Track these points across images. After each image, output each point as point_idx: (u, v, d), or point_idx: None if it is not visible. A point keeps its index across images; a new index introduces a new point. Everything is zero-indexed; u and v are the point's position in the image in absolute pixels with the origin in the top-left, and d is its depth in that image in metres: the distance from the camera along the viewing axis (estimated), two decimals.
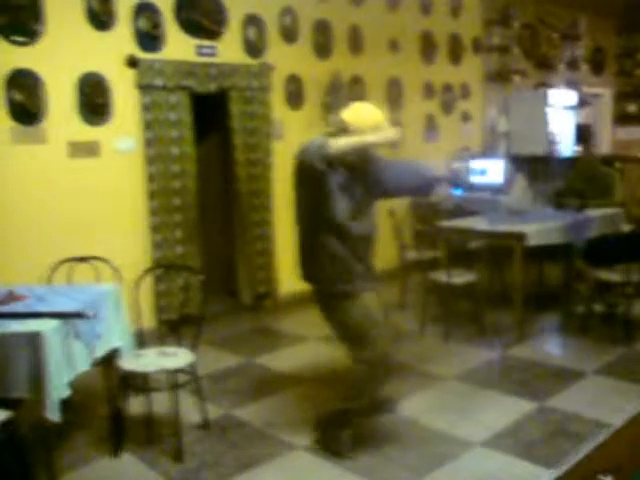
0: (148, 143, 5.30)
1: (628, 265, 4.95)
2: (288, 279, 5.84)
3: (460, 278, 5.26)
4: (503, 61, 8.57)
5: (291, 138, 5.95)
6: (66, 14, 4.83)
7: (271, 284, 6.24)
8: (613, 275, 5.13)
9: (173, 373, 3.50)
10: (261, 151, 6.04)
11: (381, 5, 7.05)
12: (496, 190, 6.86)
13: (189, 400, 3.88)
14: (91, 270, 4.08)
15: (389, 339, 3.42)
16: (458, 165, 7.49)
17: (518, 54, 8.77)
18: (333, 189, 3.21)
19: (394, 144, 3.30)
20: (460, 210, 6.47)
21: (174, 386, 3.47)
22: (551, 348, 5.24)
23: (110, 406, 3.72)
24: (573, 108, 8.60)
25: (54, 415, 3.00)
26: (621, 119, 10.82)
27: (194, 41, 5.57)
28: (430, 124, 7.77)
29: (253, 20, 5.97)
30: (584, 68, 10.03)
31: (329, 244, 3.25)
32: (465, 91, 8.19)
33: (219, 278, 6.27)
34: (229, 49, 5.82)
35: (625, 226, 6.05)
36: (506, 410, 3.93)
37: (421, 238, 6.45)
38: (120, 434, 3.58)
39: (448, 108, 7.98)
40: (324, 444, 3.52)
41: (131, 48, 5.19)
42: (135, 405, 3.82)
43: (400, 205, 6.51)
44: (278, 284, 6.25)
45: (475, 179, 7.37)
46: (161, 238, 5.43)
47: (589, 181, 6.34)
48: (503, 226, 5.29)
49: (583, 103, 8.86)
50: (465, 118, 8.24)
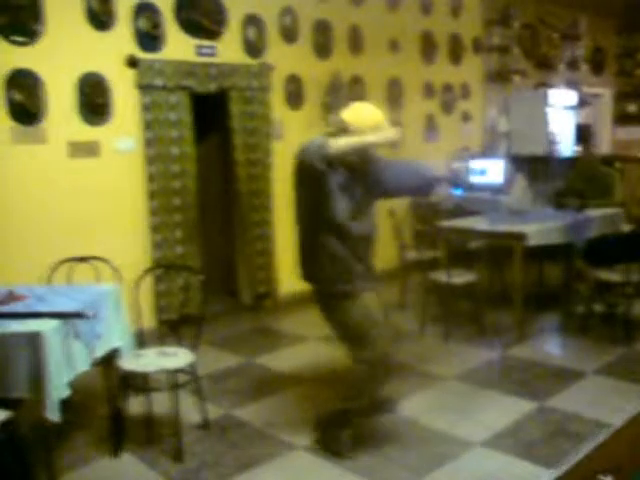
0: (148, 143, 5.30)
1: (628, 265, 4.95)
2: (288, 279, 5.84)
3: (460, 278, 5.26)
4: (503, 61, 8.57)
5: (291, 138, 5.95)
6: (66, 14, 4.84)
7: (271, 284, 6.24)
8: (613, 275, 5.13)
9: (173, 373, 3.50)
10: (261, 151, 6.05)
11: (381, 5, 7.05)
12: (496, 190, 6.86)
13: (189, 400, 3.88)
14: (91, 270, 4.08)
15: (389, 339, 3.42)
16: (458, 165, 7.49)
17: (518, 54, 8.78)
18: (333, 189, 3.21)
19: (394, 144, 3.30)
20: (460, 210, 6.47)
21: (174, 386, 3.47)
22: (551, 348, 5.24)
23: (110, 406, 3.72)
24: (573, 108, 8.60)
25: (54, 415, 3.00)
26: (621, 119, 10.82)
27: (194, 41, 5.58)
28: (430, 124, 7.77)
29: (253, 20, 5.97)
30: (584, 68, 10.03)
31: (329, 244, 3.25)
32: (465, 91, 8.19)
33: (219, 278, 6.27)
34: (229, 49, 5.82)
35: (625, 226, 6.05)
36: (506, 410, 3.93)
37: (421, 238, 6.45)
38: (120, 434, 3.58)
39: (448, 108, 7.98)
40: (324, 444, 3.52)
41: (131, 48, 5.19)
42: (135, 405, 3.82)
43: (400, 205, 6.51)
44: (278, 284, 6.26)
45: (475, 179, 7.37)
46: (161, 238, 5.43)
47: (589, 181, 6.34)
48: (503, 226, 5.29)
49: (583, 103, 8.86)
50: (465, 118, 8.24)
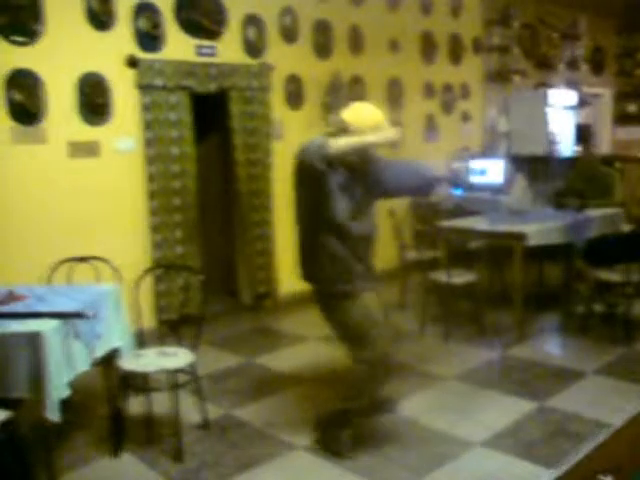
0: (148, 143, 5.30)
1: (628, 265, 4.95)
2: (288, 279, 5.84)
3: (460, 278, 5.26)
4: (503, 61, 8.57)
5: (291, 138, 5.95)
6: (66, 14, 4.84)
7: (271, 284, 6.24)
8: (613, 275, 5.13)
9: (173, 373, 3.50)
10: (261, 151, 6.05)
11: (381, 5, 7.05)
12: (496, 190, 6.86)
13: (189, 400, 3.88)
14: (91, 270, 4.08)
15: (389, 339, 3.42)
16: (458, 165, 7.49)
17: (518, 54, 8.77)
18: (333, 189, 3.21)
19: (394, 144, 3.30)
20: (460, 210, 6.47)
21: (174, 386, 3.47)
22: (551, 348, 5.24)
23: (110, 406, 3.72)
24: (573, 108, 8.60)
25: (54, 415, 3.00)
26: (621, 119, 10.82)
27: (194, 41, 5.58)
28: (430, 124, 7.77)
29: (253, 20, 5.97)
30: (584, 68, 10.03)
31: (329, 244, 3.25)
32: (465, 91, 8.19)
33: (219, 278, 6.27)
34: (229, 49, 5.82)
35: (625, 226, 6.05)
36: (506, 410, 3.93)
37: (421, 238, 6.45)
38: (120, 434, 3.58)
39: (448, 108, 7.98)
40: (324, 444, 3.52)
41: (131, 48, 5.19)
42: (135, 405, 3.82)
43: (400, 205, 6.51)
44: (278, 284, 6.25)
45: (475, 179, 7.37)
46: (161, 238, 5.43)
47: (589, 181, 6.34)
48: (503, 226, 5.29)
49: (583, 103, 8.86)
50: (465, 118, 8.24)
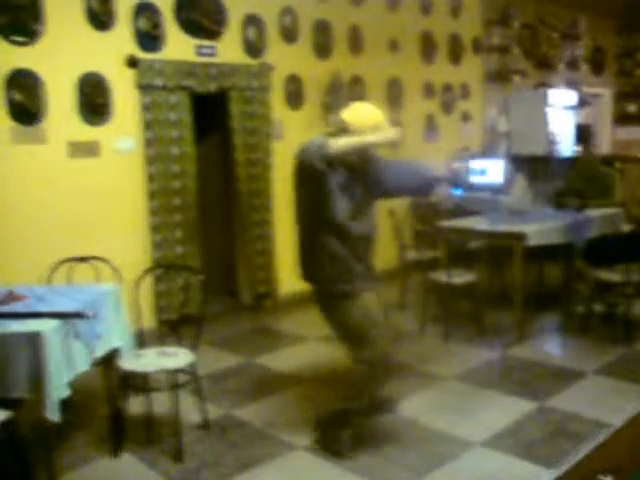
0: (148, 143, 5.30)
1: (628, 265, 4.95)
2: (288, 279, 5.84)
3: (460, 278, 5.26)
4: (503, 61, 8.57)
5: (291, 138, 5.95)
6: (66, 14, 4.83)
7: (271, 284, 6.24)
8: (613, 275, 5.13)
9: (173, 373, 3.50)
10: (261, 151, 6.04)
11: (381, 5, 7.05)
12: (496, 190, 6.86)
13: (189, 400, 3.87)
14: (91, 270, 4.08)
15: (389, 339, 3.41)
16: (458, 165, 7.49)
17: (518, 54, 8.77)
18: (333, 189, 3.21)
19: (394, 144, 3.30)
20: (460, 210, 6.47)
21: (174, 386, 3.47)
22: (551, 348, 5.24)
23: (110, 406, 3.72)
24: (573, 108, 8.60)
25: (54, 415, 3.00)
26: (621, 119, 10.82)
27: (194, 41, 5.57)
28: (430, 124, 7.77)
29: (253, 20, 5.97)
30: (584, 68, 10.03)
31: (329, 244, 3.25)
32: (465, 91, 8.19)
33: (219, 278, 6.27)
34: (229, 49, 5.82)
35: (625, 226, 6.05)
36: (506, 410, 3.93)
37: (421, 238, 6.45)
38: (120, 434, 3.58)
39: (448, 108, 7.98)
40: (324, 444, 3.52)
41: (131, 48, 5.19)
42: (135, 405, 3.82)
43: (400, 205, 6.51)
44: (278, 284, 6.25)
45: (475, 179, 7.37)
46: (161, 238, 5.43)
47: (589, 181, 6.34)
48: (503, 226, 5.29)
49: (583, 103, 8.86)
50: (465, 118, 8.23)
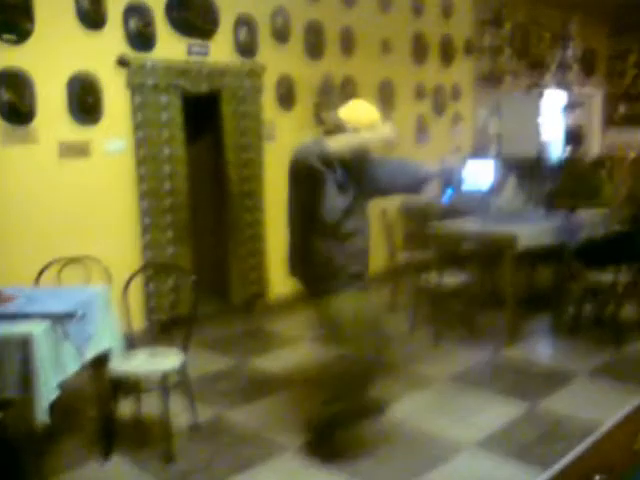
0: (139, 144, 5.27)
1: (618, 266, 4.96)
2: (280, 280, 5.81)
3: (451, 280, 5.26)
4: (494, 62, 8.59)
5: (282, 139, 5.94)
6: (57, 13, 4.80)
7: (263, 285, 6.22)
8: (604, 276, 5.14)
9: (164, 375, 3.47)
10: (253, 152, 6.02)
11: (373, 6, 7.05)
12: (487, 192, 6.86)
13: (180, 402, 3.85)
14: (81, 271, 4.05)
15: (380, 339, 3.41)
16: (450, 165, 7.48)
17: (510, 55, 8.79)
18: (330, 188, 3.20)
19: (391, 142, 3.27)
20: (451, 211, 6.46)
21: (165, 388, 3.45)
22: (543, 350, 5.26)
23: (100, 408, 3.69)
24: (564, 110, 8.63)
25: (43, 417, 2.97)
26: (611, 120, 10.87)
27: (185, 41, 5.55)
28: (421, 126, 7.77)
29: (245, 20, 5.96)
30: (575, 70, 10.06)
31: (322, 243, 3.24)
32: (456, 93, 8.20)
33: (210, 279, 6.22)
34: (221, 49, 5.80)
35: (615, 227, 6.06)
36: (499, 412, 3.93)
37: (412, 239, 6.45)
38: (111, 436, 3.56)
39: (439, 110, 7.99)
40: (316, 446, 3.50)
41: (122, 48, 5.16)
42: (125, 407, 3.79)
43: (391, 206, 6.51)
44: (270, 285, 6.24)
45: (466, 180, 7.36)
46: (152, 239, 5.40)
47: (580, 182, 6.36)
48: (494, 228, 5.30)
49: (574, 105, 8.90)
50: (456, 120, 8.25)
